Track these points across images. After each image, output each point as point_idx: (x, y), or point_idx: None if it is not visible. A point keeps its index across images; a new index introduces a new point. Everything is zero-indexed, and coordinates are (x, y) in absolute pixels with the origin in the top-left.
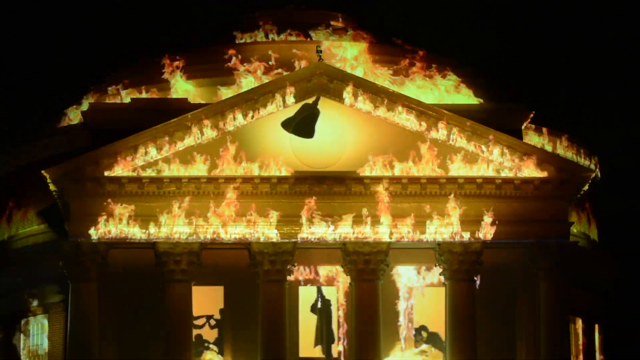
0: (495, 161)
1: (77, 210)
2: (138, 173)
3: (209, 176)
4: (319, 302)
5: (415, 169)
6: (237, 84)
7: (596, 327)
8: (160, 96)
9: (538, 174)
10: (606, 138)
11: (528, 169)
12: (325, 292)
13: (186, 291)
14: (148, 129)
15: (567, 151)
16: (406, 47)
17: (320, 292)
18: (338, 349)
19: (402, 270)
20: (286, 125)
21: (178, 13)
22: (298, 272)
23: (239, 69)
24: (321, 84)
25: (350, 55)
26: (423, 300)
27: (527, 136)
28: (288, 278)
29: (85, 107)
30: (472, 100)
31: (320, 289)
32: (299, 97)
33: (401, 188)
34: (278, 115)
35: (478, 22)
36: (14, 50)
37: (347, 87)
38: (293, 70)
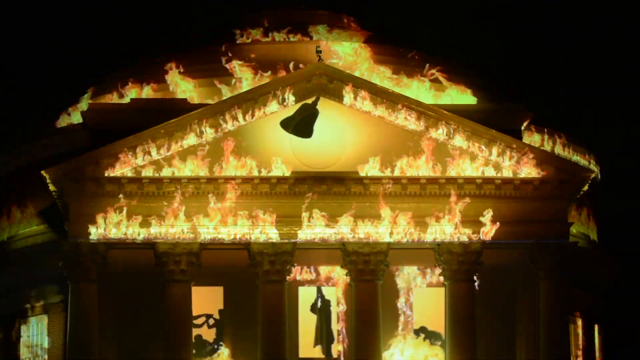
0: (494, 161)
1: (77, 210)
2: (138, 173)
3: (209, 176)
4: (319, 302)
5: (414, 169)
6: (237, 84)
7: (596, 327)
8: (160, 96)
9: (538, 174)
10: (606, 138)
11: (528, 169)
12: (325, 293)
13: (186, 291)
14: (148, 129)
15: (567, 151)
16: (406, 48)
17: (320, 293)
18: (338, 349)
19: (402, 270)
20: (285, 124)
21: (178, 13)
22: (298, 273)
23: (239, 69)
24: (321, 84)
25: (350, 55)
26: (423, 300)
27: (527, 136)
28: (288, 278)
29: (84, 107)
30: (472, 100)
31: (320, 289)
32: (299, 97)
33: (401, 188)
34: (278, 115)
35: (478, 22)
36: (14, 50)
37: (347, 88)
38: (293, 70)
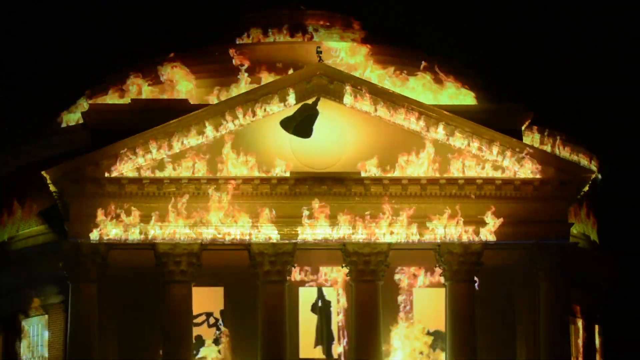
0: (495, 162)
1: (77, 210)
2: (138, 174)
3: (209, 177)
4: (319, 303)
5: (415, 170)
6: (237, 85)
7: (596, 328)
8: (160, 97)
9: (538, 175)
10: (606, 138)
11: (528, 170)
12: (325, 293)
13: (186, 292)
14: (148, 130)
15: (567, 151)
16: (406, 48)
17: (320, 293)
18: (338, 350)
19: (402, 270)
20: (285, 124)
21: (178, 13)
22: (298, 273)
23: (239, 70)
24: (321, 85)
25: (350, 56)
26: (423, 300)
27: (527, 137)
28: (288, 279)
29: (85, 108)
30: (472, 100)
31: (320, 290)
32: (299, 98)
33: (401, 189)
34: (278, 115)
35: (478, 22)
36: (14, 50)
37: (347, 88)
38: (293, 71)
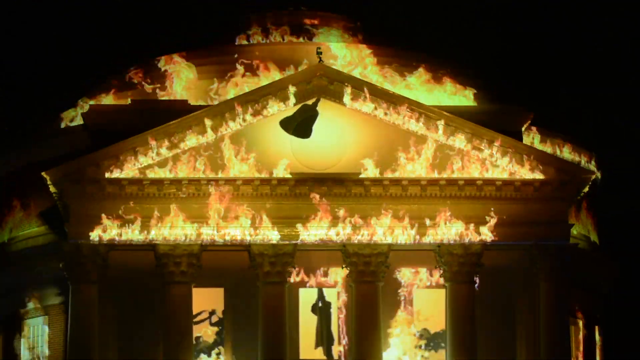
0: (495, 163)
1: (77, 211)
2: (138, 174)
3: (209, 178)
4: (319, 304)
5: (415, 171)
6: (238, 86)
7: (596, 328)
8: (160, 97)
9: (538, 176)
10: (606, 138)
11: (528, 171)
12: (325, 294)
13: (186, 293)
14: (148, 131)
15: (567, 152)
16: (407, 49)
17: (320, 294)
18: (339, 351)
19: (403, 271)
20: (285, 125)
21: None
22: (298, 274)
23: (240, 71)
24: (321, 86)
25: (350, 57)
26: (423, 301)
27: (527, 137)
28: (288, 280)
29: (85, 108)
30: (472, 101)
31: (320, 291)
32: (299, 99)
33: (401, 190)
34: (278, 116)
35: (478, 22)
36: (14, 50)
37: (347, 89)
38: (293, 71)
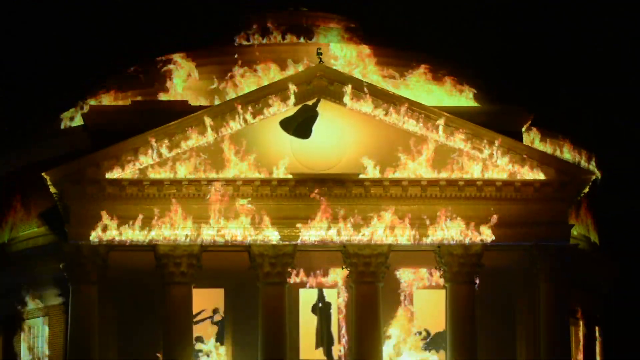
0: (495, 164)
1: (78, 212)
2: (138, 175)
3: (209, 178)
4: (319, 305)
5: (415, 171)
6: (238, 86)
7: (596, 329)
8: (160, 98)
9: (538, 177)
10: (606, 138)
11: (528, 171)
12: (325, 295)
13: (186, 293)
14: (149, 131)
15: (567, 153)
16: (407, 50)
17: (320, 295)
18: (339, 352)
19: (403, 272)
20: (285, 125)
21: (179, 14)
22: (298, 275)
23: (240, 71)
24: (321, 86)
25: (350, 57)
26: (424, 302)
27: (528, 138)
28: (288, 280)
29: (85, 109)
30: (473, 102)
31: (320, 291)
32: (300, 99)
33: (401, 190)
34: (278, 117)
35: (478, 22)
36: (14, 50)
37: (347, 90)
38: (294, 72)
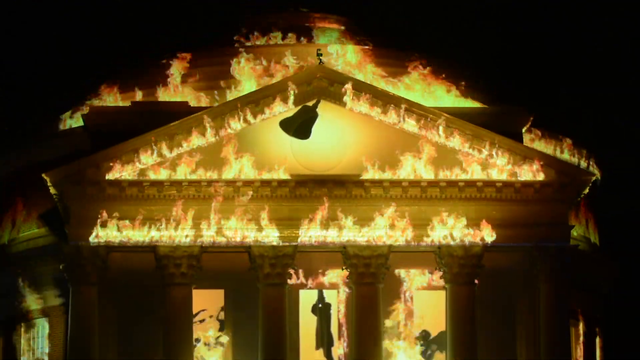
0: (495, 164)
1: (78, 213)
2: (139, 176)
3: (210, 179)
4: (320, 305)
5: (415, 172)
6: (238, 87)
7: (597, 329)
8: (161, 99)
9: (538, 177)
10: (606, 138)
11: (528, 172)
12: (325, 296)
13: (186, 294)
14: (149, 132)
15: (567, 154)
16: (407, 50)
17: (320, 296)
18: (339, 353)
19: (403, 273)
20: (284, 125)
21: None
22: (298, 276)
23: (240, 72)
24: (321, 87)
25: (350, 58)
26: (424, 303)
27: (528, 139)
28: (288, 281)
29: (85, 110)
30: (473, 103)
31: (320, 292)
32: (300, 100)
33: (401, 191)
34: (278, 118)
35: (478, 22)
36: (14, 50)
37: (347, 90)
38: (294, 73)
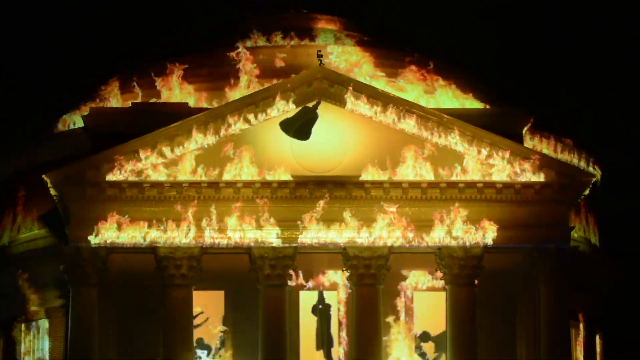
0: (495, 165)
1: (78, 214)
2: (139, 177)
3: (210, 181)
4: (320, 307)
5: (415, 174)
6: (238, 88)
7: (597, 330)
8: (160, 100)
9: (539, 179)
10: (606, 138)
11: (529, 174)
12: (326, 297)
13: (186, 295)
14: (149, 133)
15: (568, 155)
16: (407, 51)
17: (321, 297)
18: (339, 354)
19: (403, 274)
20: (284, 126)
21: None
22: (298, 277)
23: (240, 73)
24: (322, 89)
25: (351, 59)
26: (424, 304)
27: (528, 140)
28: (289, 282)
29: (85, 111)
30: (473, 105)
31: (321, 294)
32: (300, 102)
33: (402, 192)
34: (279, 119)
35: (478, 22)
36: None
37: (348, 92)
38: (294, 74)
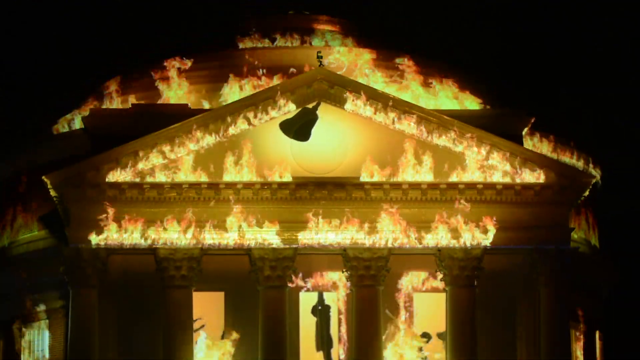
0: (496, 167)
1: (78, 215)
2: (139, 179)
3: (210, 182)
4: (319, 308)
5: (415, 175)
6: (238, 90)
7: (596, 331)
8: (161, 101)
9: (539, 180)
10: (606, 138)
11: (529, 175)
12: (325, 298)
13: (186, 297)
14: (149, 135)
15: (568, 156)
16: (407, 51)
17: (320, 298)
18: (339, 354)
19: (403, 275)
20: (284, 127)
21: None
22: (298, 278)
23: (240, 74)
24: (322, 90)
25: (351, 60)
26: (424, 305)
27: (528, 141)
28: (289, 283)
29: (85, 112)
30: (473, 105)
31: (321, 295)
32: (300, 103)
33: (402, 194)
34: (279, 120)
35: (478, 22)
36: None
37: (348, 93)
38: (294, 75)
